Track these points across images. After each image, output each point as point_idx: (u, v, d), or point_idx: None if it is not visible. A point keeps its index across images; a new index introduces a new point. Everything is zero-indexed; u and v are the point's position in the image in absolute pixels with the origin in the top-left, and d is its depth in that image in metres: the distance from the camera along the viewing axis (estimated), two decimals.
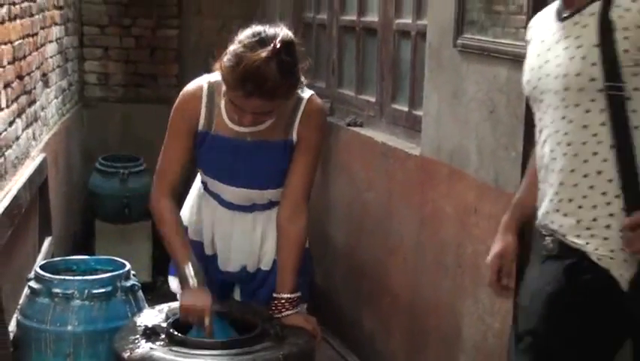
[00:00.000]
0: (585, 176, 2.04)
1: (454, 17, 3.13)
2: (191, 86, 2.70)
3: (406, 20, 3.93)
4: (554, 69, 2.09)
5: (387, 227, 3.89)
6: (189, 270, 2.60)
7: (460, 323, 3.18)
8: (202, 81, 2.67)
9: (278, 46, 2.40)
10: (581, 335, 2.08)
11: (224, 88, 2.53)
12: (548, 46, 2.14)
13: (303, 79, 2.56)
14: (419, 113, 3.64)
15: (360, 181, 4.19)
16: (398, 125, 4.00)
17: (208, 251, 2.82)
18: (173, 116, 2.70)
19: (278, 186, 2.70)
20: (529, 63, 2.21)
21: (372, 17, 4.31)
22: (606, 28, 1.98)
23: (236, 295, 2.89)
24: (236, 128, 2.60)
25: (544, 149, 2.15)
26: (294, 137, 2.64)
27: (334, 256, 4.44)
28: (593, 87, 1.99)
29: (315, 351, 2.64)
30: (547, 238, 2.16)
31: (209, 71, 2.60)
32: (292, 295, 2.64)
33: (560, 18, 2.12)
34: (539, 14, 2.25)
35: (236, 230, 2.76)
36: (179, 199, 2.78)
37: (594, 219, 2.03)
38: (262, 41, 2.42)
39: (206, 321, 2.52)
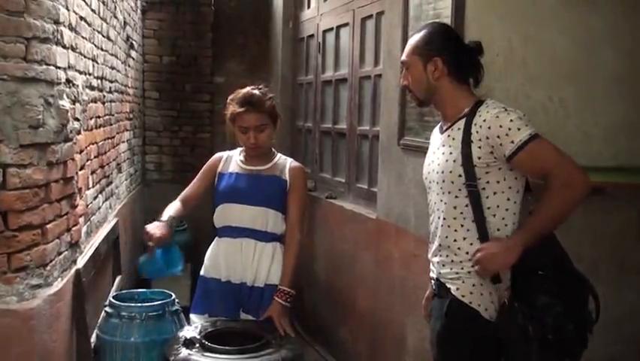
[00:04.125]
0: (455, 240, 2.03)
1: (398, 125, 3.18)
2: (217, 153, 2.95)
3: (365, 127, 3.98)
4: (436, 167, 2.08)
5: (354, 266, 3.87)
6: (165, 214, 2.72)
7: (405, 333, 3.15)
8: (224, 152, 2.93)
9: (257, 85, 2.81)
10: (466, 359, 2.04)
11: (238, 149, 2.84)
12: (434, 150, 2.14)
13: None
14: (375, 189, 3.66)
15: (335, 236, 4.18)
16: (361, 197, 4.02)
17: (223, 278, 2.79)
18: (205, 167, 2.91)
19: (274, 208, 2.76)
20: (425, 162, 2.20)
21: (342, 125, 4.37)
22: (466, 140, 1.97)
23: (242, 316, 2.82)
24: (246, 166, 2.80)
25: (431, 219, 2.15)
26: (287, 178, 2.78)
27: (318, 285, 4.41)
28: (459, 181, 1.99)
29: (304, 355, 2.61)
30: (432, 281, 2.15)
31: None
32: (285, 288, 2.68)
33: (442, 131, 2.12)
34: (436, 128, 2.22)
35: (242, 253, 2.76)
36: (189, 211, 2.86)
37: (461, 269, 2.02)
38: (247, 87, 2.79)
39: (150, 243, 2.62)
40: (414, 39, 2.11)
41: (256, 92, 2.74)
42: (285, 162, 2.83)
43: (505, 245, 1.92)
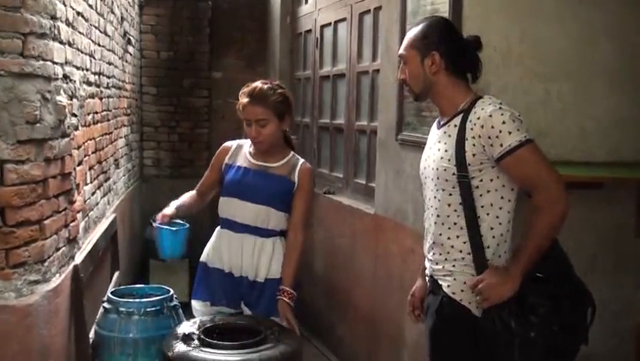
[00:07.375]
0: (449, 238, 2.02)
1: (396, 120, 3.18)
2: (227, 143, 2.94)
3: (363, 122, 3.98)
4: (431, 163, 2.07)
5: (352, 262, 3.87)
6: (172, 203, 2.91)
7: (403, 327, 3.16)
8: (235, 141, 2.93)
9: (271, 80, 2.82)
10: (457, 356, 2.03)
11: (247, 143, 2.82)
12: (430, 146, 2.13)
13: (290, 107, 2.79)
14: (373, 184, 3.66)
15: (333, 231, 4.19)
16: (359, 193, 4.02)
17: (225, 269, 2.81)
18: (214, 158, 2.94)
19: (277, 208, 2.75)
20: (422, 157, 2.19)
21: (340, 120, 4.37)
22: (461, 137, 1.96)
23: (245, 311, 2.83)
24: (255, 161, 2.78)
25: (425, 215, 2.14)
26: (295, 179, 2.75)
27: (316, 281, 4.41)
28: (453, 179, 1.97)
29: (302, 350, 2.61)
30: (427, 278, 2.16)
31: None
32: (288, 288, 2.67)
33: (439, 126, 2.10)
34: (434, 123, 2.19)
35: (243, 249, 2.77)
36: (206, 200, 3.03)
37: (453, 266, 2.01)
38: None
39: (157, 220, 2.83)
40: (411, 33, 2.08)
41: (263, 85, 2.72)
42: (297, 163, 2.79)
43: (504, 276, 1.90)
